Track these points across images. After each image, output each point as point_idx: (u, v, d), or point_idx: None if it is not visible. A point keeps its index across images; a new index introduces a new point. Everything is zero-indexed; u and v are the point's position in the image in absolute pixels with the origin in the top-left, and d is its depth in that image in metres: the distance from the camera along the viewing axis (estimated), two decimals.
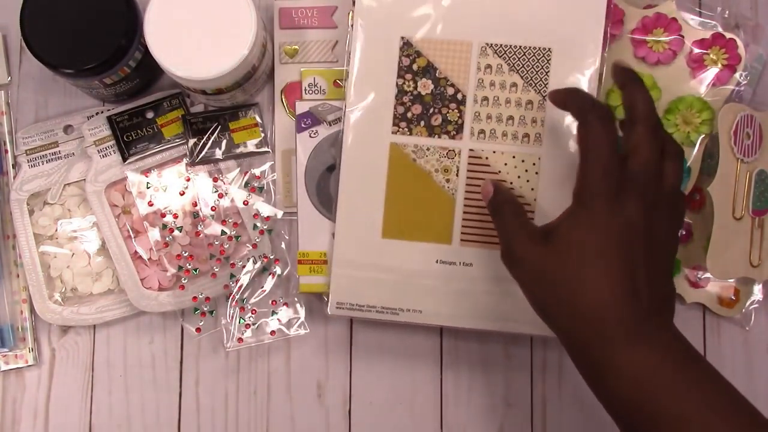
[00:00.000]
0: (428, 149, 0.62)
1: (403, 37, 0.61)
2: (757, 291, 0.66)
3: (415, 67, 0.62)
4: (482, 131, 0.61)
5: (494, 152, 0.61)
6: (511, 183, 0.61)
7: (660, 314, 0.51)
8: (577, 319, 0.51)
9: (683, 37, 0.64)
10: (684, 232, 0.66)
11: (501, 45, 0.61)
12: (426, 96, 0.62)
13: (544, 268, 0.52)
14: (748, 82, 0.65)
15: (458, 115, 0.62)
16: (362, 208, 0.62)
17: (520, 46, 0.61)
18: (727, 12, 0.66)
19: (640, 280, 0.51)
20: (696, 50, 0.64)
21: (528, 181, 0.61)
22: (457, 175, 0.62)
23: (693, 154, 0.64)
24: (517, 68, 0.61)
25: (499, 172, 0.61)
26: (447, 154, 0.62)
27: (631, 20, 0.64)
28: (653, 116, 0.53)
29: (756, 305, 0.66)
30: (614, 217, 0.51)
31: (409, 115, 0.62)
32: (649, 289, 0.51)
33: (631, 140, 0.53)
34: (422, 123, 0.62)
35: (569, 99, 0.56)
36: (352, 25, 0.62)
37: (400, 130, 0.62)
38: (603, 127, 0.51)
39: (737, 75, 0.64)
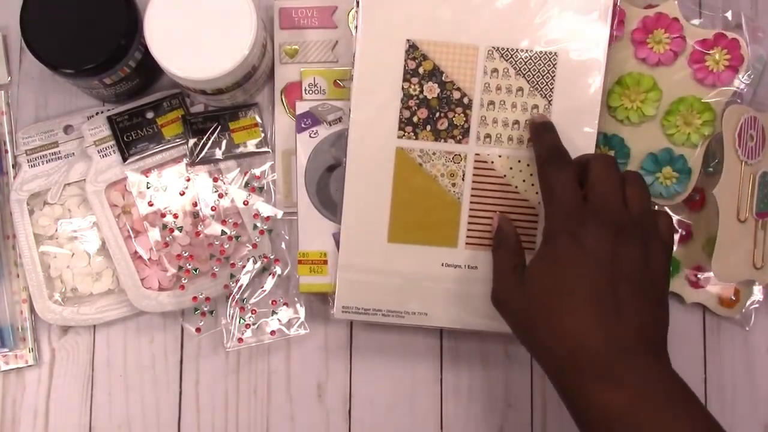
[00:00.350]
0: (434, 154, 0.62)
1: (408, 40, 0.61)
2: (757, 291, 0.66)
3: (421, 70, 0.61)
4: (488, 135, 0.61)
5: (500, 156, 0.61)
6: (516, 187, 0.61)
7: (639, 347, 0.50)
8: (552, 359, 0.52)
9: (684, 37, 0.64)
10: (684, 233, 0.66)
11: (507, 49, 0.61)
12: (432, 100, 0.61)
13: (520, 311, 0.54)
14: (749, 82, 0.64)
15: (464, 119, 0.61)
16: (368, 213, 0.62)
17: (527, 50, 0.61)
18: (728, 12, 0.66)
19: (608, 315, 0.50)
20: (697, 50, 0.64)
21: (533, 185, 0.61)
22: (463, 180, 0.62)
23: (694, 155, 0.63)
24: (524, 72, 0.61)
25: (505, 176, 0.61)
26: (453, 158, 0.62)
27: (632, 20, 0.64)
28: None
29: (756, 305, 0.67)
30: (576, 252, 0.51)
31: (415, 119, 0.62)
32: (621, 321, 0.50)
33: (588, 178, 0.54)
34: (428, 127, 0.62)
35: (533, 138, 0.59)
36: (356, 27, 0.61)
37: (406, 134, 0.62)
38: (558, 170, 0.54)
39: (739, 76, 0.63)
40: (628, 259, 0.51)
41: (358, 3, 0.61)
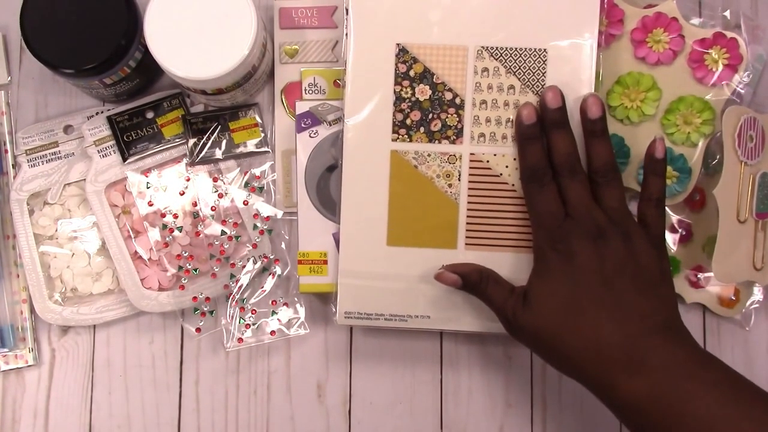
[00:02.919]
0: (429, 155, 0.62)
1: (398, 44, 0.61)
2: (758, 291, 0.66)
3: (411, 73, 0.61)
4: (482, 135, 0.61)
5: (495, 155, 0.61)
6: (513, 185, 0.61)
7: (649, 329, 0.53)
8: (580, 367, 0.54)
9: (683, 36, 0.64)
10: (684, 232, 0.66)
11: (497, 47, 0.61)
12: (424, 102, 0.61)
13: (538, 330, 0.56)
14: (748, 82, 0.64)
15: (457, 119, 0.61)
16: (366, 217, 0.62)
17: (516, 48, 0.61)
18: (727, 11, 0.66)
19: (613, 309, 0.54)
20: (696, 50, 0.64)
21: None
22: (459, 180, 0.62)
23: (695, 155, 0.64)
24: (514, 70, 0.61)
25: (500, 175, 0.61)
26: (448, 159, 0.62)
27: (631, 20, 0.64)
28: (567, 162, 0.57)
29: (756, 305, 0.67)
30: (566, 266, 0.55)
31: (408, 121, 0.62)
32: (625, 312, 0.54)
33: (563, 193, 0.57)
34: (422, 129, 0.62)
35: (518, 149, 0.60)
36: (347, 34, 0.61)
37: (400, 137, 0.62)
38: (539, 190, 0.57)
39: (738, 75, 0.63)
40: (613, 257, 0.55)
41: (347, 10, 0.61)
